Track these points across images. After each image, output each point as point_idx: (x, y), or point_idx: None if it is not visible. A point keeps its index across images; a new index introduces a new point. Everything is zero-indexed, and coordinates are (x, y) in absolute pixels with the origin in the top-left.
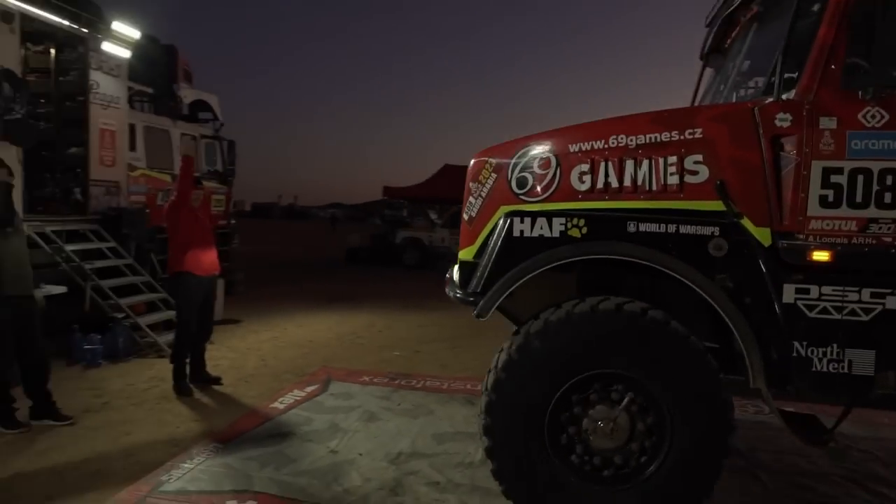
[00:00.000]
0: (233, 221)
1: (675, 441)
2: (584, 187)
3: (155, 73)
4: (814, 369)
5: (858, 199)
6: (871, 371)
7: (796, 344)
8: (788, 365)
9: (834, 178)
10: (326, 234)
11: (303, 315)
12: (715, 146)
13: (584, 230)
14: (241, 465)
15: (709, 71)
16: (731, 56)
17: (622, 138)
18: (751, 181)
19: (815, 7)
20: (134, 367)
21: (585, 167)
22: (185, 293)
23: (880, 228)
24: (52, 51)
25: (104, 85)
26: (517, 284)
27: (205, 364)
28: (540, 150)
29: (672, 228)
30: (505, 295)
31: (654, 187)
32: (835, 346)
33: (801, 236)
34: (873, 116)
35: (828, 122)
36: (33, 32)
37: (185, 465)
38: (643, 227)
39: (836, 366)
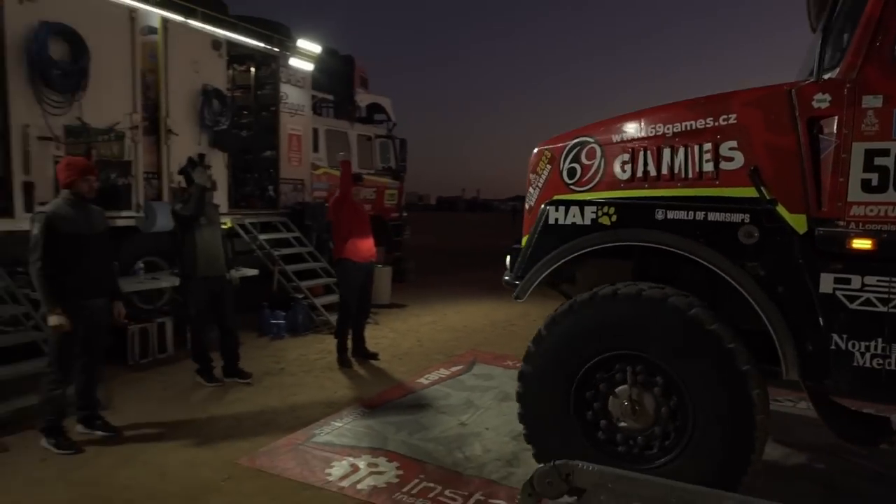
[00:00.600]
0: (405, 214)
1: (697, 429)
2: (625, 176)
3: (335, 81)
4: (855, 364)
5: None
6: None
7: (835, 336)
8: (826, 358)
9: (879, 161)
10: (507, 225)
11: (463, 302)
12: (749, 131)
13: (614, 218)
14: (380, 427)
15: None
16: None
17: (660, 127)
18: (786, 166)
19: None
20: (309, 340)
21: (626, 156)
22: (346, 277)
23: None
24: (252, 69)
25: (292, 95)
26: (550, 270)
27: (364, 341)
28: (588, 140)
29: (700, 216)
30: (540, 279)
31: (690, 175)
32: (880, 340)
33: (840, 223)
34: None
35: (872, 101)
36: (237, 55)
37: (335, 423)
38: (671, 215)
39: (880, 361)
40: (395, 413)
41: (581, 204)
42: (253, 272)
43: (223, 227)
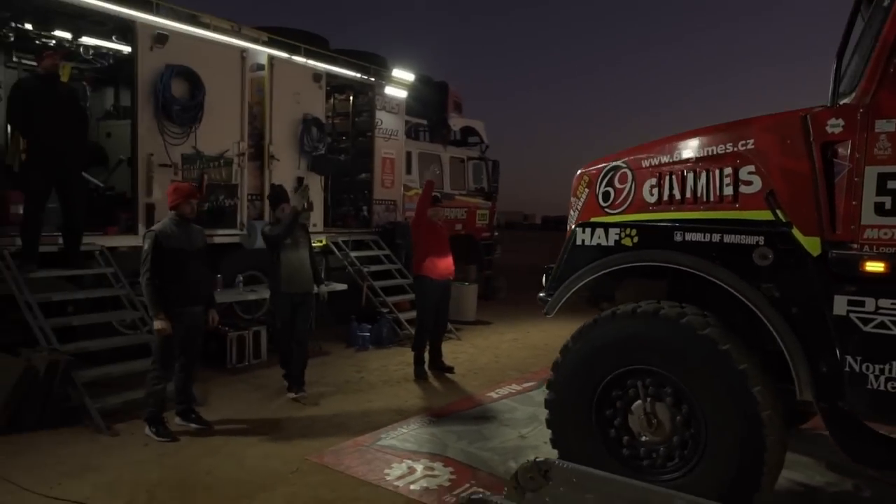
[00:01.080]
0: (496, 233)
1: (709, 446)
2: (653, 199)
3: (429, 107)
4: (869, 386)
5: None
6: None
7: (849, 358)
8: (840, 380)
9: (892, 184)
10: None
11: (549, 321)
12: (767, 156)
13: (636, 239)
14: (442, 435)
15: None
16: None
17: (685, 152)
18: (800, 190)
19: (882, 7)
20: (391, 353)
21: (654, 181)
22: (422, 294)
23: None
24: (351, 97)
25: (386, 121)
26: (576, 288)
27: (441, 354)
28: (620, 165)
29: (717, 237)
30: (566, 297)
31: (712, 198)
32: (894, 363)
33: (854, 246)
34: None
35: (885, 125)
36: (338, 85)
37: (401, 429)
38: (689, 237)
39: (895, 385)
40: (460, 423)
41: (606, 226)
42: (342, 287)
43: (318, 244)
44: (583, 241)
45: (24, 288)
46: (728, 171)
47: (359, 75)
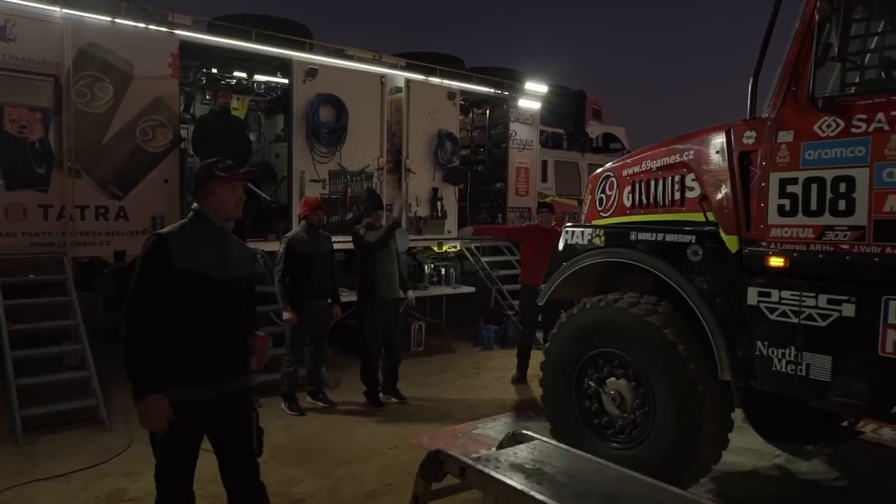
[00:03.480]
0: None
1: (654, 425)
2: (629, 204)
3: (565, 116)
4: (773, 368)
5: (813, 207)
6: (828, 377)
7: (759, 343)
8: (752, 362)
9: (790, 189)
10: None
11: None
12: (701, 164)
13: (603, 239)
14: (535, 429)
15: None
16: None
17: (650, 162)
18: (724, 194)
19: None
20: (513, 353)
21: (629, 188)
22: (522, 302)
23: (836, 236)
24: (487, 111)
25: (520, 132)
26: (559, 280)
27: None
28: (609, 174)
29: (660, 237)
30: (553, 288)
31: (666, 203)
32: (792, 348)
33: (763, 243)
34: (829, 126)
35: (785, 136)
36: (474, 101)
37: (499, 422)
38: (641, 236)
39: (793, 367)
40: None
41: (584, 227)
42: (469, 289)
43: (452, 250)
44: (566, 241)
45: None
46: (678, 178)
47: (492, 90)
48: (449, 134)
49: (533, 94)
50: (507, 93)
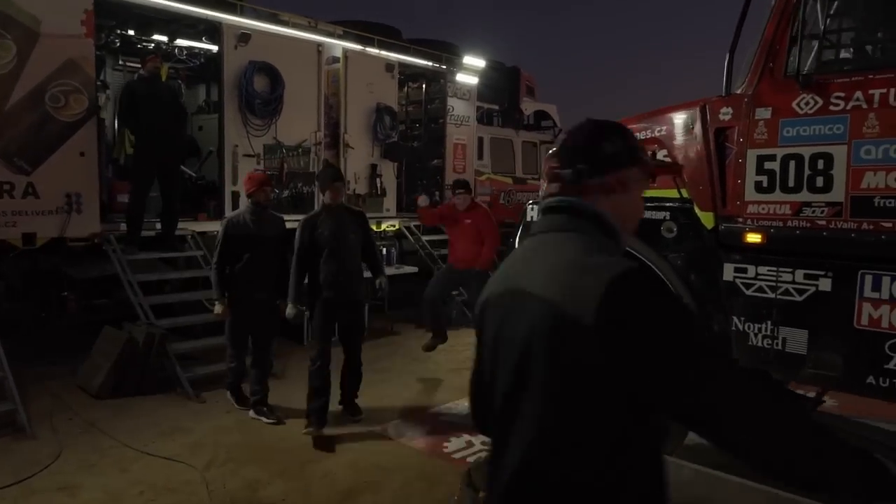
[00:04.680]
0: None
1: None
2: None
3: (501, 92)
4: (750, 343)
5: (791, 183)
6: (803, 350)
7: (735, 318)
8: (729, 338)
9: (768, 165)
10: None
11: None
12: (674, 140)
13: None
14: None
15: None
16: None
17: None
18: (699, 171)
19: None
20: (459, 334)
21: None
22: (439, 275)
23: (814, 212)
24: (424, 86)
25: (457, 108)
26: None
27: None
28: None
29: None
30: None
31: None
32: (769, 323)
33: (739, 220)
34: (807, 104)
35: (763, 113)
36: (411, 74)
37: (462, 405)
38: None
39: (769, 342)
40: None
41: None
42: (412, 269)
43: (391, 229)
44: (531, 217)
45: (128, 269)
46: (649, 154)
47: (430, 64)
48: (388, 108)
49: (471, 69)
50: (445, 66)
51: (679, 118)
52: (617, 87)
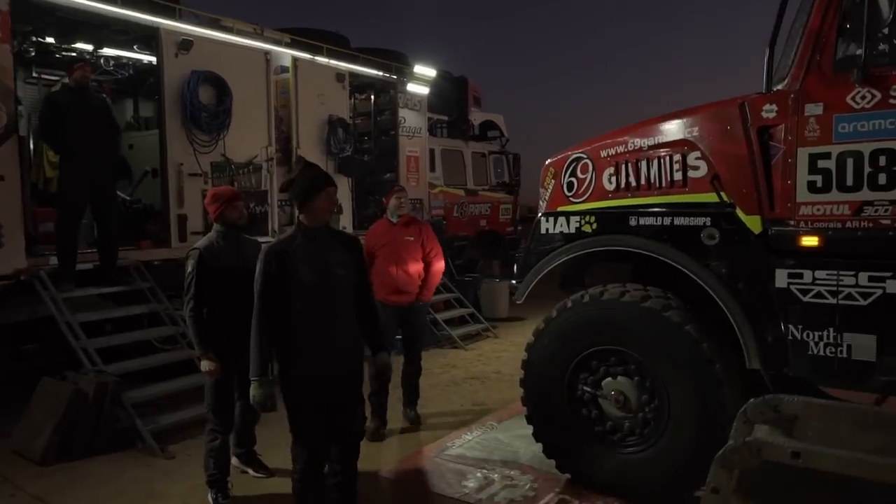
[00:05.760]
0: (519, 228)
1: (671, 424)
2: (611, 187)
3: (449, 103)
4: (810, 353)
5: (849, 182)
6: (872, 356)
7: (791, 327)
8: (784, 348)
9: (822, 164)
10: None
11: None
12: (710, 141)
13: (595, 226)
14: (510, 440)
15: None
16: None
17: (638, 141)
18: (741, 172)
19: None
20: (431, 354)
21: (612, 169)
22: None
23: (876, 211)
24: (372, 97)
25: (409, 119)
26: (542, 274)
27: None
28: (582, 156)
29: (668, 220)
30: (533, 283)
31: (664, 184)
32: (831, 329)
33: (791, 222)
34: (863, 97)
35: (813, 109)
36: (359, 85)
37: (465, 437)
38: (643, 221)
39: (833, 350)
40: (524, 426)
41: (568, 215)
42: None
43: None
44: (547, 229)
45: (64, 308)
46: (678, 157)
47: (381, 73)
48: (340, 119)
49: (422, 79)
50: (395, 76)
51: (713, 118)
52: (561, 96)
